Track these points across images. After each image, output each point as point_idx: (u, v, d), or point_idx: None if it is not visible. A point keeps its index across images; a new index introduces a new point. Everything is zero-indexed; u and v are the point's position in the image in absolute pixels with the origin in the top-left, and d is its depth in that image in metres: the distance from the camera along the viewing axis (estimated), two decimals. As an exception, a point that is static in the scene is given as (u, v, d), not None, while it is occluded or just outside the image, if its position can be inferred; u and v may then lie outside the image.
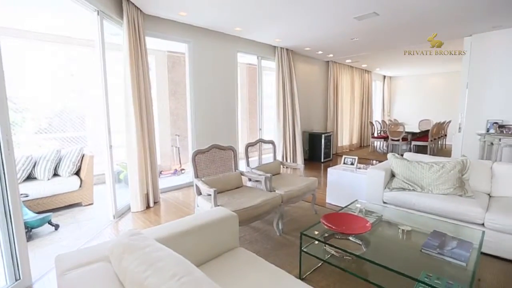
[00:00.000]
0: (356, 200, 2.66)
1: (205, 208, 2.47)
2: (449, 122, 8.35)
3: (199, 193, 2.72)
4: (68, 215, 3.35)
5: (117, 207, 3.25)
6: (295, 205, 3.45)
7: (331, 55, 6.65)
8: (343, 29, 4.40)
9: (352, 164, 3.65)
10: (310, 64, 6.85)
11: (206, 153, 2.87)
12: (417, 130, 7.66)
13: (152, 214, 3.40)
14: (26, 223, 2.63)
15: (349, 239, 1.99)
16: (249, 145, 3.38)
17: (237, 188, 2.93)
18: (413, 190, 2.78)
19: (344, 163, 3.73)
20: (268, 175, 2.86)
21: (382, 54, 6.61)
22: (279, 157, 5.75)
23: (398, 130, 7.17)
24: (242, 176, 3.07)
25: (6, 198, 1.84)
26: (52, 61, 4.55)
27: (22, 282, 1.95)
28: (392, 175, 3.04)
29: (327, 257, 1.99)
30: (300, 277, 2.03)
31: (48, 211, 3.16)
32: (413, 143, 7.35)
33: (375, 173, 2.97)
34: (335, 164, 3.96)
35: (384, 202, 2.89)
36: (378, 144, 8.56)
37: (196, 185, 2.69)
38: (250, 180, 3.24)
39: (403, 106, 10.75)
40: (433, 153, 6.98)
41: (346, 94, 8.12)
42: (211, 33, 4.48)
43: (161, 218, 3.29)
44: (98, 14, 2.91)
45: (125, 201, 3.53)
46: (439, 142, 8.10)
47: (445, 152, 7.52)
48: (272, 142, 3.66)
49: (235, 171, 3.05)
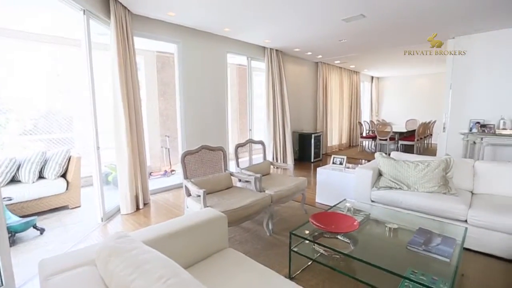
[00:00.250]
0: (345, 199, 2.70)
1: (195, 209, 2.46)
2: (435, 122, 8.57)
3: (189, 194, 2.71)
4: (54, 219, 3.27)
5: (105, 209, 3.20)
6: (285, 205, 3.47)
7: (320, 56, 6.73)
8: (331, 31, 4.46)
9: (341, 163, 3.70)
10: (299, 65, 6.90)
11: (196, 154, 2.86)
12: (404, 130, 7.82)
13: (141, 216, 3.36)
14: (9, 227, 2.57)
15: (337, 238, 2.02)
16: (238, 146, 3.39)
17: (227, 188, 2.93)
18: (400, 188, 2.84)
19: (333, 162, 3.78)
20: (258, 175, 2.87)
21: (370, 56, 6.72)
22: (269, 158, 5.76)
23: (386, 130, 7.30)
24: (232, 177, 3.07)
25: (-12, 202, 1.78)
26: (38, 60, 4.44)
27: (5, 288, 1.90)
28: (380, 174, 3.10)
29: (316, 256, 2.01)
30: (289, 277, 2.05)
31: (33, 215, 3.08)
32: (400, 142, 7.50)
33: (363, 173, 3.02)
34: (325, 164, 4.01)
35: (372, 201, 2.94)
36: (366, 143, 8.70)
37: (186, 186, 2.68)
38: (240, 180, 3.25)
39: (390, 107, 10.97)
40: (420, 152, 7.14)
41: (335, 94, 8.22)
42: (200, 34, 4.46)
43: (151, 220, 3.25)
44: (84, 13, 2.86)
45: (114, 203, 3.47)
46: (425, 142, 8.30)
47: (431, 151, 7.70)
48: (261, 143, 3.67)
49: (225, 171, 3.05)
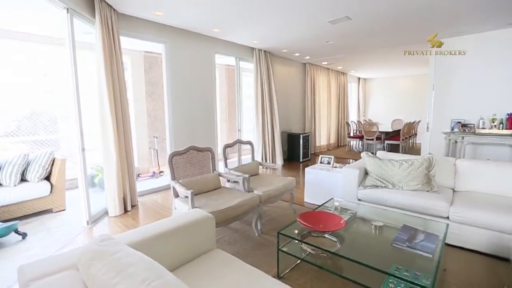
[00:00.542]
0: (332, 198, 2.74)
1: (183, 210, 2.44)
2: (419, 121, 8.80)
3: (177, 196, 2.69)
4: (37, 223, 3.18)
5: (91, 212, 3.13)
6: (273, 205, 3.49)
7: (308, 57, 6.79)
8: (318, 32, 4.51)
9: (329, 163, 3.75)
10: (287, 66, 6.94)
11: (183, 155, 2.84)
12: (390, 130, 8.00)
13: (129, 218, 3.31)
14: (-11, 232, 2.48)
15: (325, 237, 2.05)
16: (227, 146, 3.38)
17: (215, 189, 2.92)
18: (385, 187, 2.91)
19: (321, 162, 3.82)
20: (246, 175, 2.87)
21: (356, 57, 6.84)
22: (258, 158, 5.78)
23: (372, 130, 7.44)
24: (221, 178, 3.06)
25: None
26: (21, 60, 4.30)
27: (-16, 295, 1.84)
28: (366, 173, 3.15)
29: (304, 255, 2.03)
30: (278, 276, 2.06)
31: (15, 219, 2.98)
32: (386, 142, 7.66)
33: (349, 172, 3.07)
34: (314, 163, 4.05)
35: (359, 199, 2.99)
36: (354, 143, 8.84)
37: (173, 187, 2.66)
38: (228, 181, 3.24)
39: (377, 107, 11.19)
40: (405, 151, 7.30)
41: (323, 95, 8.31)
42: (188, 34, 4.43)
43: (138, 222, 3.21)
44: (68, 11, 2.79)
45: (100, 206, 3.40)
46: (410, 141, 8.50)
47: (416, 150, 7.90)
48: (250, 143, 3.68)
49: (213, 172, 3.04)
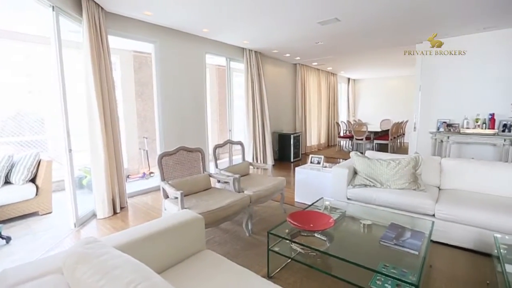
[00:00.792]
0: (322, 198, 2.77)
1: (172, 212, 2.42)
2: (407, 121, 8.98)
3: (166, 196, 2.67)
4: (22, 226, 3.09)
5: (78, 214, 3.07)
6: (264, 205, 3.50)
7: (298, 58, 6.84)
8: (307, 33, 4.55)
9: (319, 163, 3.79)
10: (278, 66, 6.97)
11: (173, 155, 2.82)
12: (379, 130, 8.14)
13: (118, 220, 3.26)
14: (-29, 237, 2.41)
15: (314, 236, 2.07)
16: (217, 147, 3.37)
17: (205, 190, 2.91)
18: (374, 186, 2.96)
19: (311, 162, 3.86)
20: (237, 176, 2.87)
21: (345, 58, 6.93)
22: (249, 158, 5.78)
23: (362, 129, 7.55)
24: (211, 178, 3.05)
25: None
26: (5, 59, 4.18)
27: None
28: (355, 172, 3.20)
29: (294, 254, 2.04)
30: (268, 276, 2.07)
31: (-2, 223, 2.90)
32: (375, 141, 7.79)
33: (339, 172, 3.11)
34: (304, 163, 4.08)
35: (348, 199, 3.03)
36: (344, 143, 8.95)
37: (163, 188, 2.63)
38: (219, 181, 3.24)
39: (366, 107, 11.36)
40: (393, 151, 7.45)
41: (314, 95, 8.38)
42: (178, 34, 4.39)
43: (128, 224, 3.16)
44: (53, 9, 2.73)
45: (88, 208, 3.34)
46: (398, 141, 8.67)
47: (404, 149, 8.06)
48: (240, 143, 3.68)
49: (203, 173, 3.02)
